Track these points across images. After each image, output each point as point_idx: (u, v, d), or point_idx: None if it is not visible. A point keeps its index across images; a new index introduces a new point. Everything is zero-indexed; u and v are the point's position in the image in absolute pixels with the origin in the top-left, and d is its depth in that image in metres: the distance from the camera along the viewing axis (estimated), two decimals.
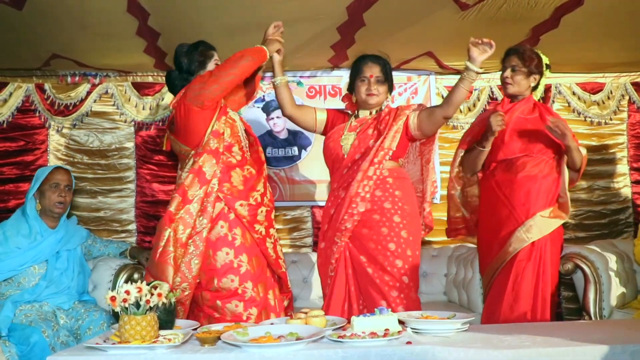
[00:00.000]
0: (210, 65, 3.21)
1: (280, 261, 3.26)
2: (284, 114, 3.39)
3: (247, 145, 3.29)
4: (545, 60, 3.41)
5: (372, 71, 3.27)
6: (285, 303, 3.34)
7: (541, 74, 3.39)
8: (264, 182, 3.24)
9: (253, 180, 3.19)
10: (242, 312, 3.02)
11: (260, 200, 3.17)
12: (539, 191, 3.22)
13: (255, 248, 3.14)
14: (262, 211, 3.17)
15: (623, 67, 4.85)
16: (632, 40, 4.17)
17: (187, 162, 3.12)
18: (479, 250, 3.52)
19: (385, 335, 2.22)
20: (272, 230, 3.24)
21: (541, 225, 3.18)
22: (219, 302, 3.04)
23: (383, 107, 3.35)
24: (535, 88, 3.43)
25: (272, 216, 3.29)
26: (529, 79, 3.34)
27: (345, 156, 3.26)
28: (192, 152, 3.11)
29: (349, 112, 3.44)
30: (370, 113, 3.34)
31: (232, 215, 3.09)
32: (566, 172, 3.24)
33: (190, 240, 3.02)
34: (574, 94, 4.89)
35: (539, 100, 3.48)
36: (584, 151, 3.28)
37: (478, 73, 3.06)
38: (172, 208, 3.03)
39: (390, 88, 3.37)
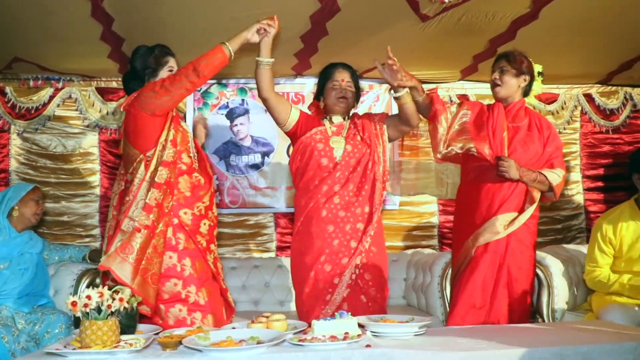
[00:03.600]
0: (163, 73, 3.10)
1: (220, 278, 3.20)
2: (260, 95, 3.28)
3: (195, 155, 3.22)
4: (537, 67, 3.40)
5: (343, 76, 3.34)
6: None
7: (532, 76, 3.36)
8: (211, 196, 3.18)
9: (200, 189, 3.13)
10: (186, 316, 2.96)
11: (204, 213, 3.11)
12: (500, 196, 3.26)
13: (198, 253, 3.08)
14: (204, 223, 3.11)
15: (576, 79, 5.01)
16: (584, 53, 4.33)
17: (137, 167, 3.00)
18: (452, 246, 3.59)
19: (345, 338, 2.24)
20: (212, 246, 3.17)
21: (496, 226, 3.23)
22: (162, 307, 2.95)
23: (351, 114, 3.41)
24: (527, 93, 3.41)
25: (215, 233, 3.21)
26: (518, 79, 3.32)
27: (339, 159, 3.25)
28: (141, 156, 3.00)
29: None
30: (344, 118, 3.38)
31: (175, 220, 3.02)
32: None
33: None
34: (529, 103, 5.01)
35: None
36: (560, 175, 3.28)
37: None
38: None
39: (358, 97, 3.44)
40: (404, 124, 3.33)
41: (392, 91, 3.26)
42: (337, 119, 3.37)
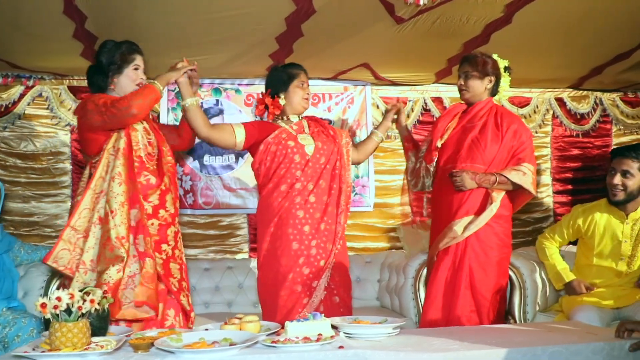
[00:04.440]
0: (128, 71, 3.09)
1: (172, 279, 3.03)
2: (199, 137, 3.25)
3: (152, 153, 3.12)
4: (503, 63, 3.45)
5: (305, 77, 3.40)
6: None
7: (497, 75, 3.42)
8: (161, 194, 3.05)
9: (149, 188, 3.02)
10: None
11: (151, 212, 3.01)
12: (457, 199, 3.30)
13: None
14: (152, 223, 3.01)
15: (548, 83, 5.06)
16: (556, 58, 4.38)
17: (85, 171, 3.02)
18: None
19: (318, 340, 2.25)
20: (165, 246, 3.04)
21: (455, 230, 3.26)
22: None
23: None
24: (495, 92, 3.46)
25: (169, 232, 3.08)
26: (483, 82, 3.38)
27: (310, 156, 3.26)
28: (89, 158, 3.01)
29: (269, 119, 3.45)
30: (299, 117, 3.41)
31: None
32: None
33: None
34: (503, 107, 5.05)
35: None
36: (527, 170, 3.28)
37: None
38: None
39: None
40: (360, 156, 3.58)
41: (377, 132, 3.63)
42: (294, 118, 3.40)
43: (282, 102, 3.36)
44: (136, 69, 3.12)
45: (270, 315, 3.18)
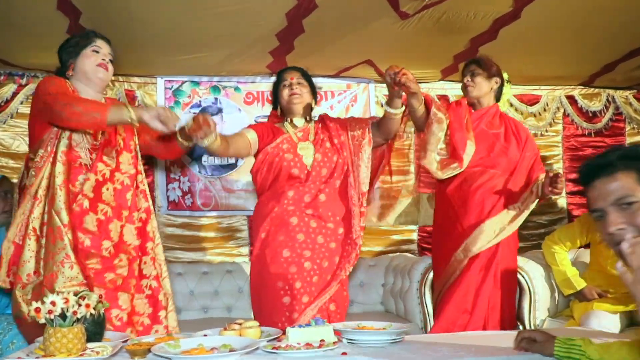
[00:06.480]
0: (85, 51, 2.82)
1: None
2: (226, 156, 3.30)
3: (96, 145, 2.81)
4: (504, 76, 3.48)
5: (292, 75, 3.29)
6: None
7: (502, 79, 3.45)
8: (95, 186, 2.75)
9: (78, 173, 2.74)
10: None
11: (88, 207, 2.73)
12: (489, 202, 3.26)
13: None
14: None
15: (558, 80, 5.03)
16: (566, 55, 4.35)
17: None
18: (433, 260, 3.57)
19: (320, 346, 2.19)
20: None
21: (488, 232, 3.21)
22: None
23: (314, 117, 3.35)
24: (498, 98, 3.47)
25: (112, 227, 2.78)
26: (490, 82, 3.41)
27: (309, 168, 3.15)
28: (31, 155, 2.77)
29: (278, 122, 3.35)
30: (306, 120, 3.29)
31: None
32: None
33: None
34: (511, 105, 4.99)
35: None
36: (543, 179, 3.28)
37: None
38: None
39: (314, 94, 3.36)
40: (382, 136, 3.29)
41: (386, 105, 3.18)
42: (298, 122, 3.29)
43: (279, 112, 3.35)
44: (96, 51, 2.85)
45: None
